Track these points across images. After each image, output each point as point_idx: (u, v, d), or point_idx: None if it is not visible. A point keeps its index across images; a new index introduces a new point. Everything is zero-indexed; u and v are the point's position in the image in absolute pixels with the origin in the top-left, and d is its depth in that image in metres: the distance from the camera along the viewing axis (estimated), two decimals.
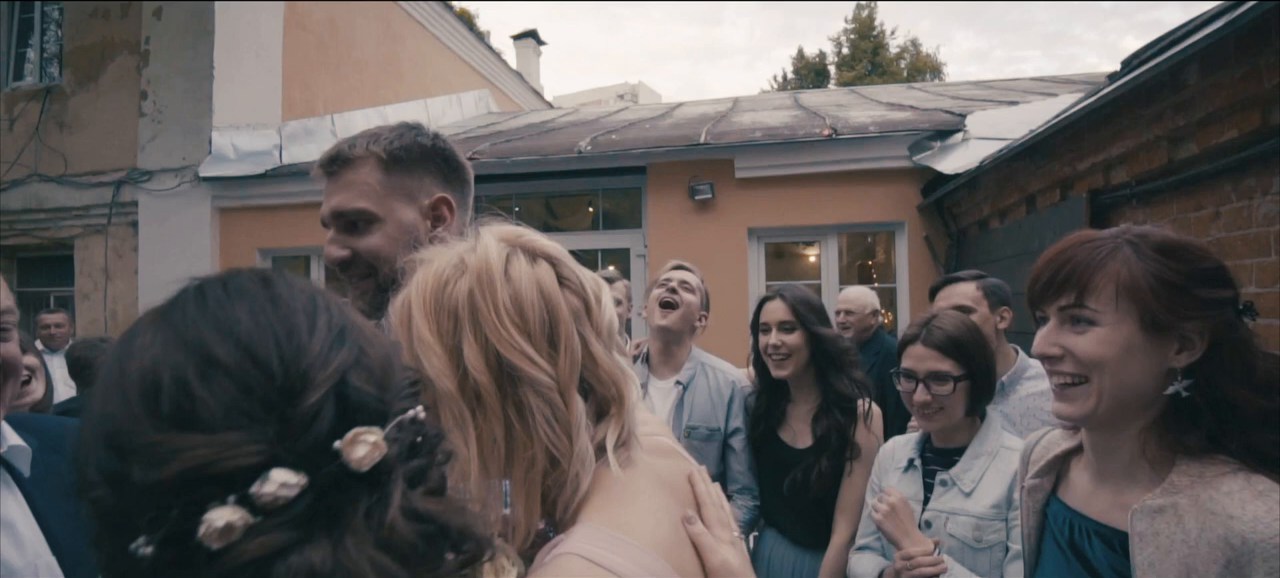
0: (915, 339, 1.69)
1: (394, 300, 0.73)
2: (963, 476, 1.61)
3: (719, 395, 2.14)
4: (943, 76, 23.03)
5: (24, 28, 7.72)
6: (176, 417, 0.43)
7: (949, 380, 1.62)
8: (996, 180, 3.93)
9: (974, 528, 1.53)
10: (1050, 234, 3.23)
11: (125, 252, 6.89)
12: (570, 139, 6.06)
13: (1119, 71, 2.75)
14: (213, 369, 0.45)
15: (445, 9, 10.70)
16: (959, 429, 1.68)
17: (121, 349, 0.48)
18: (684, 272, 2.24)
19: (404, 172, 1.13)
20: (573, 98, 20.23)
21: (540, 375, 0.68)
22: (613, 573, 0.62)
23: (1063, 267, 1.08)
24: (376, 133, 1.15)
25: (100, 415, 0.46)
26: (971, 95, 7.34)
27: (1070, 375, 1.05)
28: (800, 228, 5.54)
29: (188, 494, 0.41)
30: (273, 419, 0.44)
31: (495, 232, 0.76)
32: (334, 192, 1.09)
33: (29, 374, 1.90)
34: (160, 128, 6.76)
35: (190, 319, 0.48)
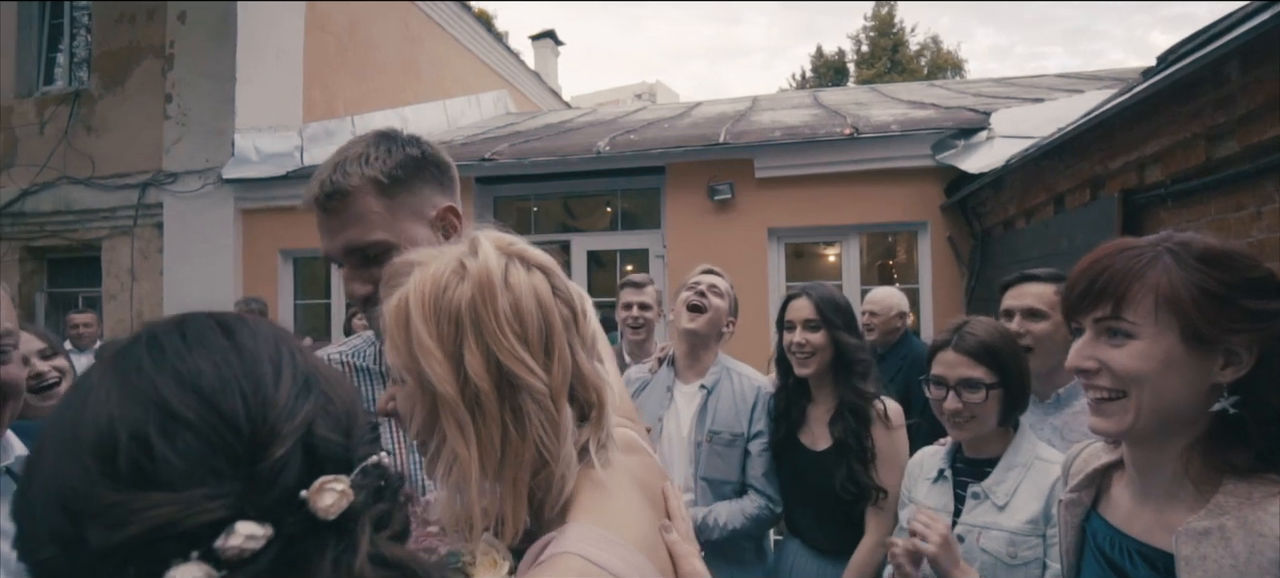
0: (946, 345, 1.64)
1: (387, 300, 0.72)
2: (996, 488, 1.56)
3: (743, 400, 2.12)
4: (964, 74, 22.74)
5: (54, 33, 7.87)
6: (136, 476, 0.42)
7: (981, 388, 1.57)
8: (1023, 179, 3.85)
9: (1008, 543, 1.48)
10: (1079, 234, 3.15)
11: (151, 253, 7.00)
12: (589, 139, 6.04)
13: (1155, 67, 2.67)
14: (174, 424, 0.43)
15: (464, 10, 10.74)
16: (991, 439, 1.63)
17: (73, 404, 0.46)
18: (713, 276, 2.22)
19: (405, 190, 1.09)
20: (590, 98, 20.24)
21: (537, 383, 0.70)
22: (608, 572, 0.64)
23: (1099, 276, 1.03)
24: (361, 153, 1.08)
25: (51, 475, 0.43)
26: (995, 93, 7.21)
27: (1107, 390, 1.01)
28: (821, 228, 5.48)
29: (147, 554, 0.40)
30: (239, 474, 0.43)
31: (491, 238, 0.76)
32: (339, 227, 1.04)
33: (58, 377, 1.91)
34: (184, 130, 6.85)
35: (147, 372, 0.45)
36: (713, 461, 2.08)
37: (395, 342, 0.71)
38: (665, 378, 2.22)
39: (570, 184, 5.99)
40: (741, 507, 2.05)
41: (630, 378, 2.32)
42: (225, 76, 6.75)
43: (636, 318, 2.94)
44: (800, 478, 2.09)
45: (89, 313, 5.46)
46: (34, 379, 1.83)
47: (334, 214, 1.04)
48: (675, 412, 2.16)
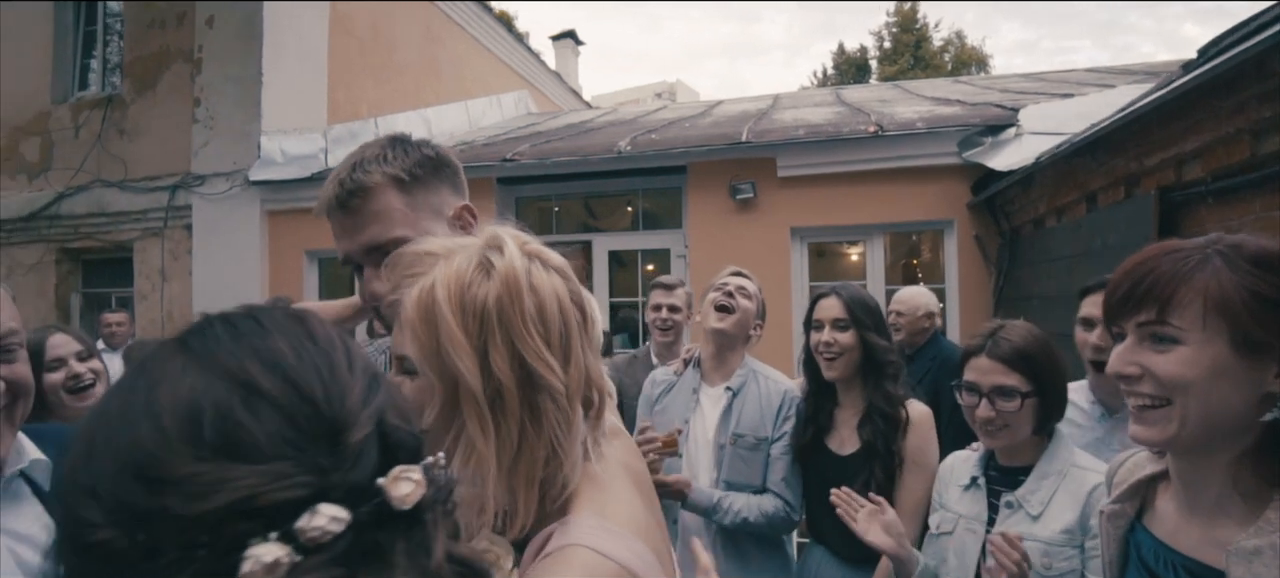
0: (980, 351, 1.60)
1: (407, 291, 0.72)
2: (1029, 497, 1.52)
3: (768, 404, 2.08)
4: (989, 69, 22.38)
5: (88, 39, 8.05)
6: (222, 447, 0.41)
7: (1016, 396, 1.52)
8: (1054, 177, 3.76)
9: (1042, 554, 1.44)
10: (1113, 233, 3.07)
11: (180, 254, 7.13)
12: (610, 139, 6.03)
13: (1196, 60, 2.59)
14: (258, 400, 0.43)
15: (484, 10, 10.80)
16: (1025, 448, 1.59)
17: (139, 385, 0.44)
18: (742, 278, 2.19)
19: (424, 188, 1.08)
20: (610, 97, 20.25)
21: (556, 383, 0.72)
22: (615, 562, 0.67)
23: (1143, 279, 0.99)
24: (378, 153, 1.08)
25: (124, 447, 0.42)
26: (1022, 88, 7.08)
27: (1150, 397, 0.97)
28: (844, 227, 5.41)
29: (225, 530, 0.39)
30: (321, 453, 0.42)
31: (513, 238, 0.77)
32: (358, 227, 1.03)
33: (93, 378, 1.92)
34: (212, 133, 6.97)
35: (227, 350, 0.45)
36: (736, 464, 2.06)
37: (418, 334, 0.71)
38: (691, 380, 2.19)
39: (591, 184, 5.99)
40: (759, 502, 2.03)
41: (656, 379, 2.30)
42: (251, 80, 6.86)
43: (666, 320, 2.92)
44: (825, 483, 2.01)
45: (122, 312, 5.57)
46: (71, 380, 1.85)
47: (354, 213, 1.03)
48: (701, 414, 2.13)
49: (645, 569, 0.70)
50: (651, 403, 2.25)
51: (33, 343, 1.83)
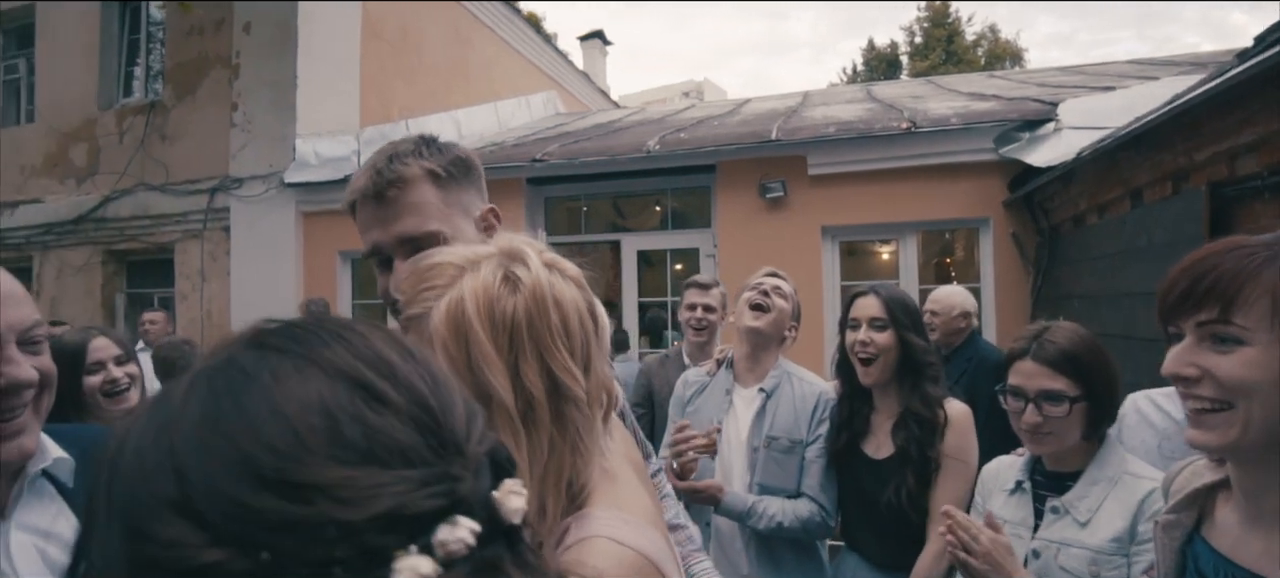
0: (1024, 354, 1.54)
1: (428, 301, 0.73)
2: (1077, 503, 1.46)
3: (803, 406, 2.04)
4: (1024, 63, 21.90)
5: (132, 48, 8.30)
6: (365, 450, 0.38)
7: (1063, 401, 1.47)
8: (1096, 172, 3.65)
9: (1089, 563, 1.39)
10: (1160, 230, 2.97)
11: (219, 255, 7.30)
12: (638, 138, 6.03)
13: (1252, 48, 2.48)
14: (383, 405, 0.40)
15: (512, 12, 10.88)
16: (1074, 453, 1.53)
17: (237, 383, 0.39)
18: (777, 279, 2.16)
19: (457, 186, 1.08)
20: (637, 97, 20.24)
21: (580, 392, 0.74)
22: (635, 550, 0.70)
23: (1205, 276, 0.95)
24: (412, 149, 1.08)
25: (241, 452, 0.36)
26: (1060, 82, 6.90)
27: (1210, 400, 0.93)
28: (877, 226, 5.33)
29: (367, 542, 0.36)
30: (451, 463, 0.40)
31: (533, 248, 0.79)
32: (393, 217, 1.02)
33: (129, 382, 1.92)
34: (249, 137, 7.13)
35: (335, 352, 0.42)
36: (770, 467, 2.03)
37: (449, 349, 0.71)
38: (724, 381, 2.16)
39: (620, 184, 5.98)
40: (794, 506, 1.99)
41: (688, 380, 2.28)
42: (286, 84, 7.00)
43: (701, 320, 2.90)
44: (859, 488, 2.00)
45: (158, 311, 5.69)
46: (108, 384, 1.87)
47: (390, 204, 1.02)
48: (734, 416, 2.10)
49: (662, 557, 0.74)
50: (684, 404, 2.23)
51: (74, 345, 1.87)
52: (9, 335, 0.88)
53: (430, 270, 0.75)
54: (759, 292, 2.09)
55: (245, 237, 7.09)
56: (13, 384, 0.88)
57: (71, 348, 1.87)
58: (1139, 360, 2.78)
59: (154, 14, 8.18)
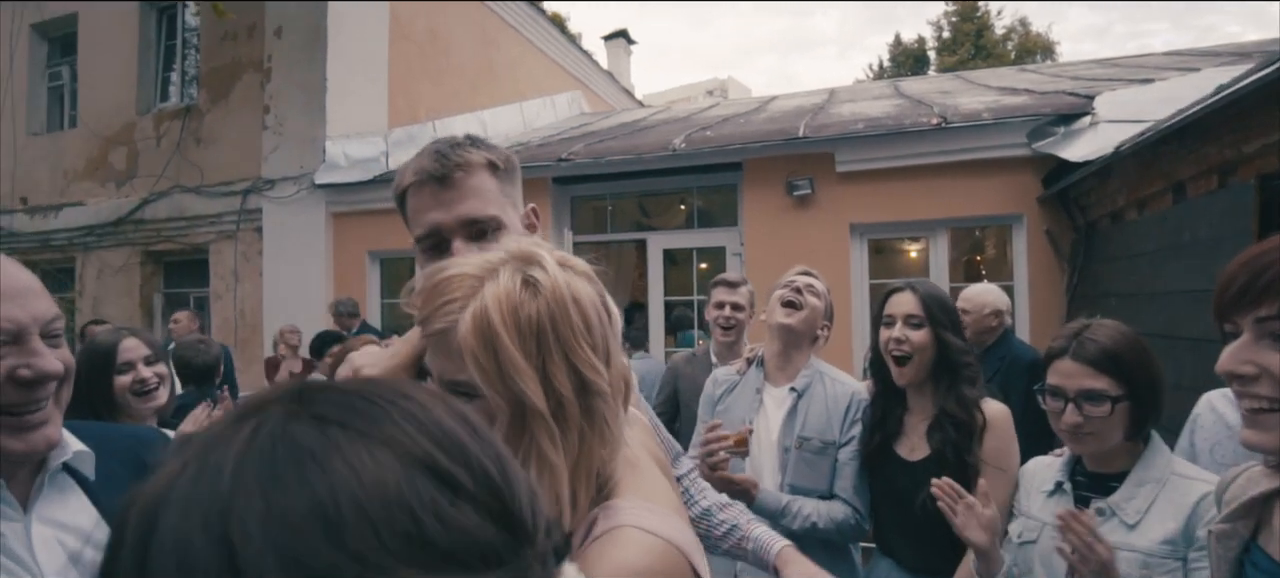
0: (1063, 353, 1.50)
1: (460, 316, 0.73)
2: (1125, 505, 1.42)
3: (835, 406, 2.00)
4: (1056, 57, 21.42)
5: (169, 54, 8.52)
6: (444, 554, 0.34)
7: (1105, 401, 1.42)
8: (1136, 167, 3.55)
9: (1141, 566, 1.34)
10: (1205, 226, 2.88)
11: (252, 255, 7.45)
12: (664, 137, 6.02)
13: None
14: (461, 499, 0.36)
15: (537, 12, 10.93)
16: (1117, 454, 1.49)
17: (314, 471, 0.34)
18: (810, 277, 2.12)
19: (509, 180, 1.12)
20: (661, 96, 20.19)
21: (605, 385, 0.76)
22: (662, 538, 0.72)
23: (1265, 271, 0.91)
24: (469, 142, 1.12)
25: (316, 561, 0.32)
26: (1096, 75, 6.74)
27: (1268, 400, 0.89)
28: (906, 223, 5.26)
29: None
30: (525, 558, 0.38)
31: (546, 249, 0.80)
32: (457, 200, 1.05)
33: (158, 382, 1.95)
34: (281, 139, 7.26)
35: (399, 427, 0.37)
36: (801, 468, 1.99)
37: (479, 359, 0.72)
38: (754, 380, 2.13)
39: (646, 182, 5.98)
40: (828, 507, 1.95)
41: (718, 379, 2.26)
42: (317, 87, 7.11)
43: (729, 318, 2.87)
44: (893, 491, 1.94)
45: (185, 311, 5.78)
46: (137, 384, 1.90)
47: (454, 186, 1.05)
48: (764, 415, 2.07)
49: (688, 544, 0.75)
50: (713, 402, 2.20)
51: (106, 346, 1.91)
52: (33, 328, 0.90)
53: (447, 283, 0.75)
54: (792, 289, 2.06)
55: (277, 237, 7.23)
56: (40, 376, 0.89)
57: (103, 348, 1.91)
58: (1182, 361, 2.70)
59: (189, 20, 8.38)
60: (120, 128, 8.31)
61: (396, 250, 6.86)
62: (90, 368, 1.88)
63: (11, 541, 0.91)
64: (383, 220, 6.79)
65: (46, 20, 8.75)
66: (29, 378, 0.88)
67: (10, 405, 0.88)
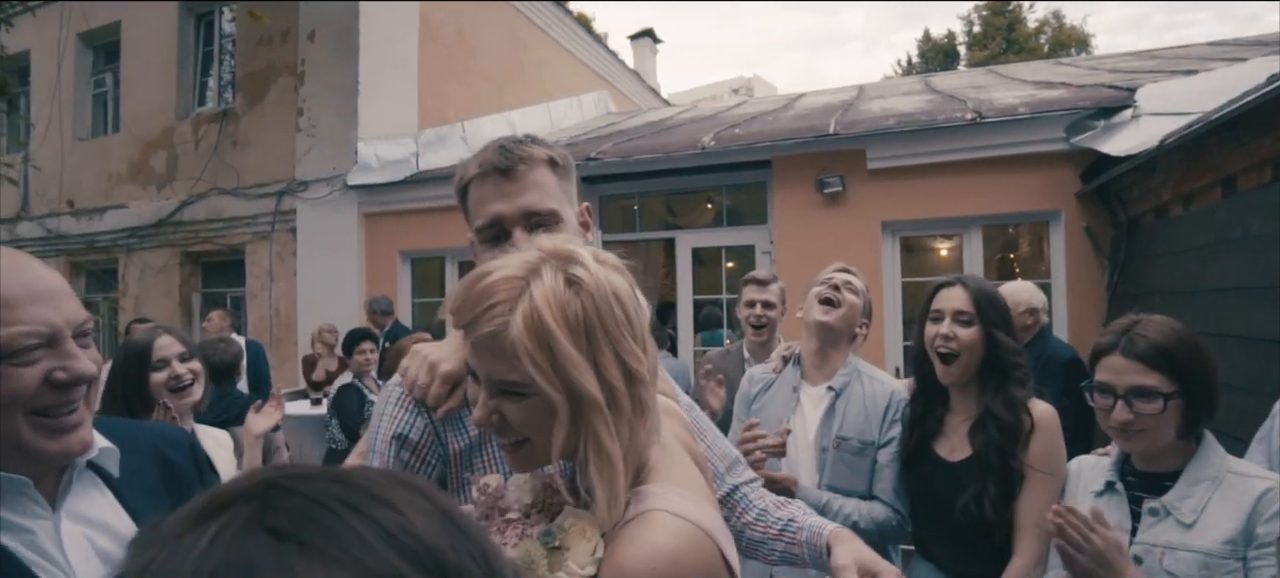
0: (1113, 349, 1.46)
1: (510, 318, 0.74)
2: (1180, 504, 1.38)
3: (874, 406, 1.96)
4: (1091, 50, 20.91)
5: (206, 59, 8.73)
6: None
7: (1157, 398, 1.38)
8: (1182, 160, 3.45)
9: (1201, 566, 1.30)
10: (1256, 220, 2.78)
11: (286, 255, 7.60)
12: (692, 135, 6.00)
13: None
14: None
15: (563, 12, 10.98)
16: (1169, 452, 1.45)
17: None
18: (848, 274, 2.08)
19: (566, 178, 1.15)
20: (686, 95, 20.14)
21: (645, 372, 0.79)
22: (693, 523, 0.74)
23: None
24: (530, 139, 1.15)
25: None
26: (1135, 67, 6.57)
27: None
28: (939, 220, 5.18)
29: None
30: None
31: (589, 250, 0.82)
32: (519, 192, 1.08)
33: (192, 378, 2.00)
34: (314, 141, 7.39)
35: (358, 540, 0.33)
36: (839, 468, 1.95)
37: (536, 359, 0.73)
38: (791, 378, 2.10)
39: (674, 181, 5.97)
40: (869, 508, 1.91)
41: (754, 377, 2.23)
42: (349, 89, 7.23)
43: (760, 316, 2.84)
44: (932, 492, 1.88)
45: (219, 311, 5.88)
46: (172, 381, 1.95)
47: (517, 179, 1.08)
48: (801, 414, 2.04)
49: (718, 530, 0.77)
50: (749, 401, 2.18)
51: (142, 343, 1.97)
52: (66, 330, 0.90)
53: (491, 287, 0.77)
54: (830, 286, 2.02)
55: (310, 237, 7.36)
56: (76, 377, 0.89)
57: (139, 346, 1.97)
58: (1232, 359, 2.61)
59: (225, 27, 8.58)
60: (160, 132, 8.54)
61: (427, 250, 6.95)
62: (127, 365, 1.95)
63: (42, 538, 0.91)
64: (413, 221, 6.88)
65: (92, 29, 9.02)
66: (65, 380, 0.88)
67: (45, 408, 0.88)
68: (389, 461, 0.99)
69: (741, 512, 1.08)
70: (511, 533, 0.82)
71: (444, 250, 6.82)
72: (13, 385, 0.85)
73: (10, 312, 0.84)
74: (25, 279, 0.87)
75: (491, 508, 0.85)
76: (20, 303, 0.85)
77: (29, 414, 0.87)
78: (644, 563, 0.70)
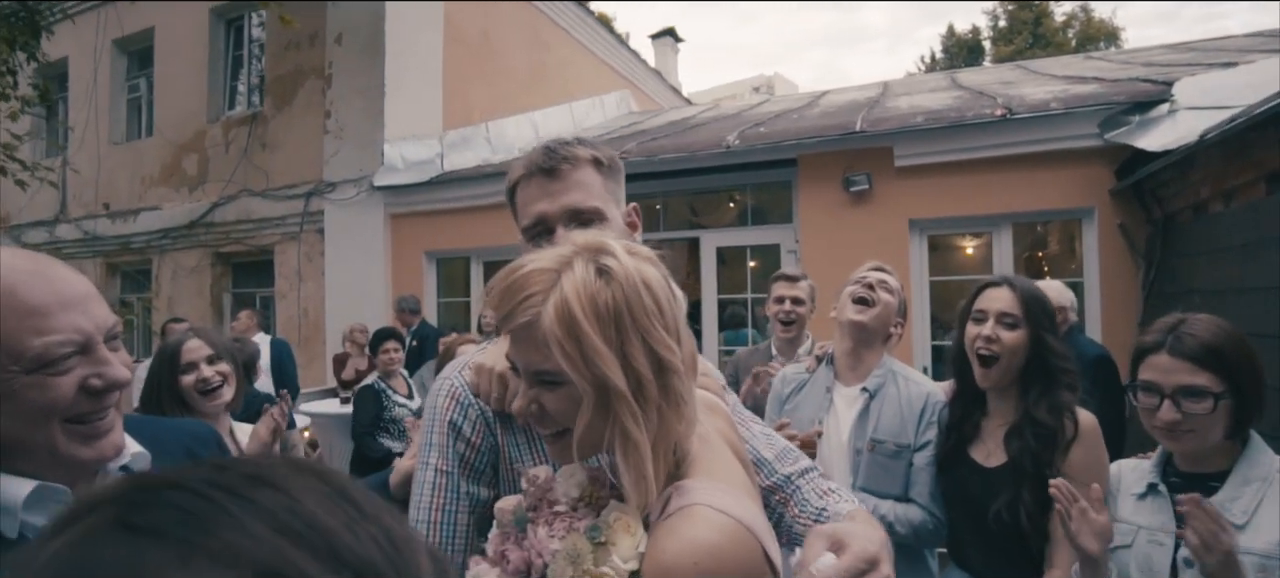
0: (1159, 348, 1.43)
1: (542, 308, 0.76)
2: (1230, 505, 1.35)
3: (910, 408, 1.93)
4: (1120, 44, 20.46)
5: (236, 64, 8.89)
6: None
7: (1207, 397, 1.36)
8: (1223, 156, 3.37)
9: (1258, 568, 1.27)
10: None
11: (314, 256, 7.72)
12: (715, 134, 5.98)
13: None
14: None
15: (585, 12, 11.00)
16: (1215, 453, 1.42)
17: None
18: (883, 273, 2.05)
19: (613, 179, 1.16)
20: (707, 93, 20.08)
21: (679, 363, 0.79)
22: (733, 518, 0.74)
23: None
24: (577, 140, 1.17)
25: None
26: (1170, 60, 6.42)
27: None
28: (968, 218, 5.10)
29: None
30: None
31: (621, 243, 0.83)
32: (562, 190, 1.10)
33: (221, 380, 2.04)
34: (341, 143, 7.50)
35: (243, 535, 0.31)
36: (874, 471, 1.92)
37: (564, 347, 0.75)
38: (824, 378, 2.08)
39: (697, 180, 5.95)
40: (906, 511, 1.88)
41: (786, 377, 2.22)
42: (376, 91, 7.32)
43: (789, 313, 2.83)
44: (965, 496, 1.84)
45: (247, 311, 5.96)
46: (200, 383, 2.00)
47: (561, 178, 1.10)
48: (835, 415, 2.02)
49: (759, 525, 0.78)
50: (782, 401, 2.15)
51: (172, 347, 2.04)
52: (98, 336, 0.89)
53: (525, 279, 0.79)
54: (864, 285, 1.99)
55: (338, 238, 7.46)
56: (110, 384, 0.89)
57: (169, 350, 2.05)
58: (1271, 359, 2.54)
59: (254, 31, 8.74)
60: (192, 135, 8.72)
61: (452, 250, 7.02)
62: (160, 368, 2.02)
63: None
64: (439, 221, 6.95)
65: (126, 35, 9.24)
66: (100, 387, 0.88)
67: (80, 415, 0.88)
68: (447, 450, 1.01)
69: (789, 503, 1.08)
70: (559, 525, 0.82)
71: (469, 250, 6.88)
72: (49, 395, 0.84)
73: (43, 321, 0.83)
74: (55, 286, 0.85)
75: (540, 500, 0.86)
76: (51, 311, 0.84)
77: (64, 422, 0.87)
78: (686, 557, 0.71)
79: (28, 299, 0.82)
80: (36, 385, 0.83)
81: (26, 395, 0.83)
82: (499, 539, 0.87)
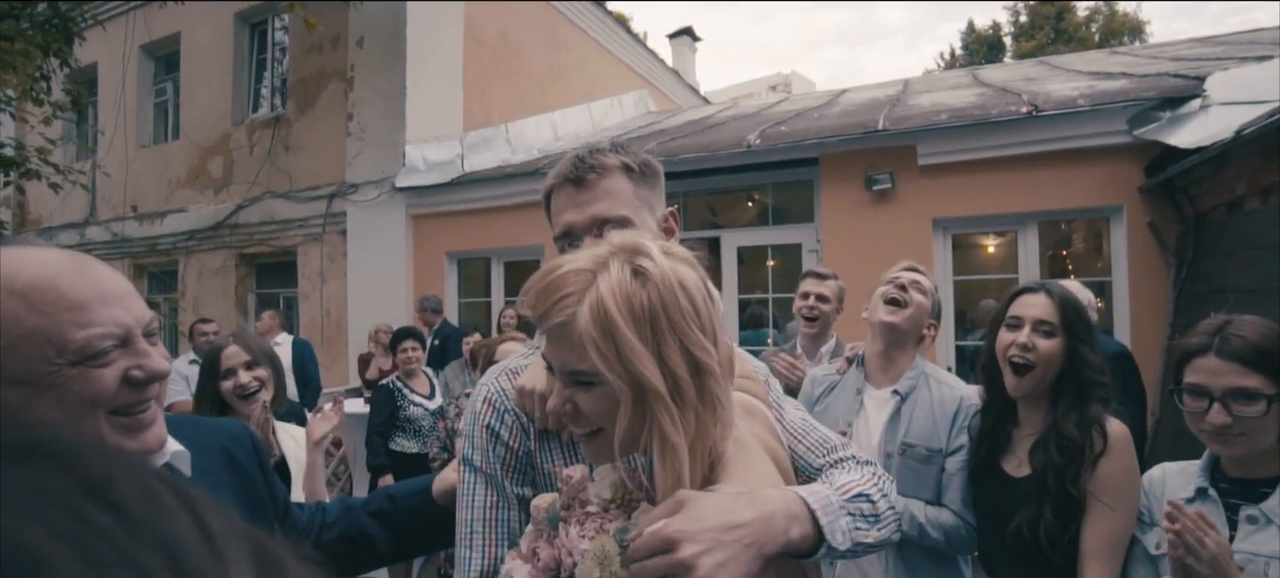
0: (1206, 350, 1.40)
1: (578, 309, 0.76)
2: None
3: (942, 411, 1.89)
4: (1145, 38, 20.10)
5: (259, 67, 9.01)
6: None
7: (1259, 400, 1.33)
8: (1259, 152, 3.30)
9: None
10: None
11: (337, 257, 7.80)
12: (735, 133, 5.96)
13: None
14: None
15: (603, 13, 11.02)
16: (1267, 457, 1.39)
17: None
18: (915, 273, 2.01)
19: (646, 185, 1.15)
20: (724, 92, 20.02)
21: (715, 365, 0.79)
22: None
23: None
24: (610, 147, 1.16)
25: None
26: (1199, 54, 6.29)
27: None
28: (993, 217, 5.04)
29: None
30: None
31: (658, 243, 0.83)
32: (590, 200, 1.10)
33: (258, 385, 2.09)
34: (363, 144, 7.57)
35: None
36: (905, 476, 1.87)
37: (600, 348, 0.75)
38: (855, 380, 2.06)
39: (717, 180, 5.94)
40: (937, 512, 1.84)
41: (816, 378, 2.19)
42: (397, 93, 7.38)
43: (812, 308, 2.80)
44: (995, 507, 1.78)
45: (270, 311, 6.02)
46: (238, 388, 2.07)
47: (588, 188, 1.10)
48: (865, 418, 1.99)
49: None
50: (812, 403, 2.12)
51: (213, 353, 2.13)
52: (138, 329, 0.91)
53: (561, 279, 0.79)
54: (896, 286, 1.96)
55: (360, 239, 7.54)
56: (151, 375, 0.91)
57: (211, 355, 2.15)
58: None
59: (278, 35, 8.85)
60: (217, 138, 8.85)
61: (473, 250, 7.06)
62: (203, 373, 2.14)
63: None
64: (460, 222, 6.99)
65: (153, 40, 9.40)
66: (142, 378, 0.90)
67: (124, 407, 0.90)
68: (487, 453, 1.02)
69: None
70: (590, 526, 0.82)
71: (489, 251, 6.92)
72: (94, 387, 0.86)
73: (84, 314, 0.85)
74: (94, 282, 0.88)
75: (573, 499, 0.86)
76: (92, 305, 0.86)
77: (109, 415, 0.89)
78: None
79: (70, 294, 0.84)
80: (81, 378, 0.85)
81: (71, 388, 0.84)
82: (532, 536, 0.88)
